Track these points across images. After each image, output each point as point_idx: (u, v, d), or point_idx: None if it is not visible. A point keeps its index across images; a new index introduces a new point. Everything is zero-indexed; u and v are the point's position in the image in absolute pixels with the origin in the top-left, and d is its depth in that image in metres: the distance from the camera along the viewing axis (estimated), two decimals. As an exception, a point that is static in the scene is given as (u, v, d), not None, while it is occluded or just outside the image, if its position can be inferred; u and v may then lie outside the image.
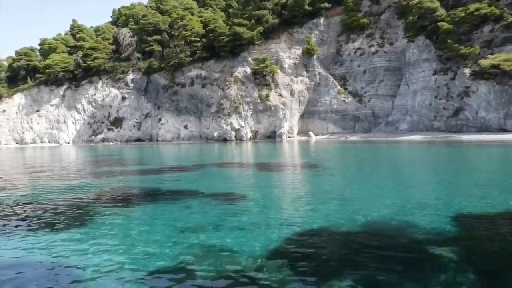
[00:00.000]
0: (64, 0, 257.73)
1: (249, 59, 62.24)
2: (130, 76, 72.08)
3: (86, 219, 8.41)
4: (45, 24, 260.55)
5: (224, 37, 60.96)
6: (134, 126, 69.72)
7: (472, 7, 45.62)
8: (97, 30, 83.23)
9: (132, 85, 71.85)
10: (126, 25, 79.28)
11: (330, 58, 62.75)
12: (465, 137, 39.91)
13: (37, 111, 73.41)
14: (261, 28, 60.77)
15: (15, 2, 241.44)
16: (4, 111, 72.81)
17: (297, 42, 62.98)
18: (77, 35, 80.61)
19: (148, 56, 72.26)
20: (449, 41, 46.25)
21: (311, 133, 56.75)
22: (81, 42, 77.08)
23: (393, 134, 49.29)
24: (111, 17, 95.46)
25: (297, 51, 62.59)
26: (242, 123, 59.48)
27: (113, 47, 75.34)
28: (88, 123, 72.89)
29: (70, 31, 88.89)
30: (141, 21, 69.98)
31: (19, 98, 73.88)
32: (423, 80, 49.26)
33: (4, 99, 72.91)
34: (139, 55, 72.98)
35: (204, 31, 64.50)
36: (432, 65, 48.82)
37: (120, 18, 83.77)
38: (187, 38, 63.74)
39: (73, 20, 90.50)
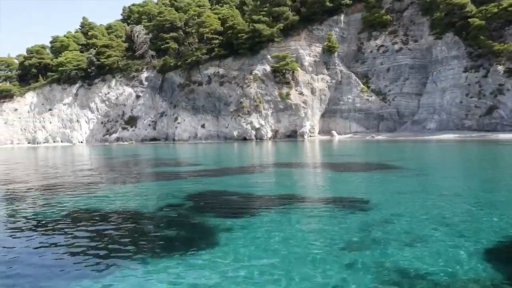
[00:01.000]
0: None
1: (268, 56, 60.88)
2: (144, 74, 70.73)
3: (209, 235, 6.90)
4: (50, 23, 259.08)
5: (243, 34, 59.59)
6: (149, 125, 68.35)
7: (506, 2, 44.31)
8: (108, 27, 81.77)
9: (146, 83, 70.50)
10: (139, 23, 77.91)
11: (351, 56, 61.40)
12: (502, 136, 38.57)
13: (50, 110, 72.05)
14: (281, 25, 59.41)
15: (21, 1, 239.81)
16: (16, 110, 71.45)
17: (317, 39, 61.60)
18: (89, 33, 79.23)
19: (163, 54, 70.91)
20: (481, 37, 44.91)
21: (334, 132, 55.42)
22: (94, 40, 75.72)
23: (420, 133, 47.95)
24: (121, 14, 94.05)
25: (317, 48, 61.24)
26: (263, 122, 58.14)
27: (126, 44, 73.96)
28: (102, 122, 71.53)
29: (80, 29, 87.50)
30: (158, 18, 68.55)
31: (31, 97, 72.52)
32: (453, 78, 47.94)
33: (16, 98, 71.54)
34: (153, 53, 71.62)
35: (222, 28, 63.07)
36: (462, 62, 47.51)
37: (132, 16, 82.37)
38: (205, 35, 62.33)
39: (84, 18, 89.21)
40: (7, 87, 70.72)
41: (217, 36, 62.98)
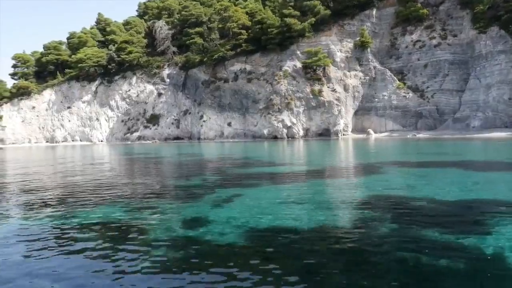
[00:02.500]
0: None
1: (298, 52, 58.83)
2: (166, 71, 68.58)
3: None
4: (61, 21, 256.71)
5: (273, 29, 57.44)
6: (172, 123, 66.21)
7: (560, -6, 42.22)
8: (126, 23, 79.54)
9: (168, 80, 68.36)
10: (158, 18, 75.58)
11: (384, 52, 59.35)
12: None
13: (68, 108, 69.87)
14: (313, 20, 57.29)
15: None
16: (33, 107, 69.24)
17: (348, 34, 59.55)
18: (107, 29, 77.04)
19: (184, 51, 68.80)
20: (533, 30, 42.85)
21: (370, 131, 53.29)
22: (112, 36, 73.59)
23: (464, 131, 45.88)
24: (137, 11, 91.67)
25: (349, 44, 59.17)
26: (294, 120, 56.06)
27: (146, 40, 71.76)
28: (122, 121, 69.37)
29: (96, 25, 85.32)
30: (182, 12, 66.41)
31: (49, 94, 70.29)
32: (499, 74, 45.87)
33: (33, 95, 69.31)
34: (174, 49, 69.49)
35: (250, 22, 60.94)
36: (510, 57, 45.44)
37: (150, 12, 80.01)
38: (231, 30, 60.19)
39: (99, 14, 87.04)
40: (24, 84, 68.50)
41: (244, 31, 60.78)
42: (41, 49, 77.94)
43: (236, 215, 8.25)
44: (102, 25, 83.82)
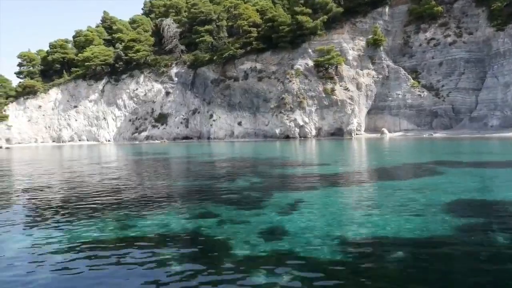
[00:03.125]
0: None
1: (310, 50, 57.91)
2: (174, 70, 67.63)
3: None
4: (65, 19, 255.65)
5: (284, 27, 56.49)
6: (181, 123, 65.26)
7: None
8: (133, 22, 78.51)
9: (176, 79, 67.41)
10: (165, 16, 74.53)
11: (397, 50, 58.44)
12: None
13: (75, 107, 68.91)
14: (325, 17, 56.36)
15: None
16: (39, 107, 68.28)
17: (360, 32, 58.63)
18: (113, 27, 76.03)
19: (192, 49, 67.85)
20: (555, 28, 41.95)
21: (384, 130, 52.38)
22: (119, 34, 72.59)
23: (482, 130, 44.99)
24: (142, 9, 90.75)
25: (361, 42, 58.25)
26: (306, 119, 55.16)
27: (153, 39, 70.75)
28: (130, 120, 68.42)
29: (101, 24, 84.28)
30: (192, 10, 65.41)
31: (55, 93, 69.33)
32: (518, 72, 44.99)
33: (39, 94, 68.33)
34: (182, 47, 68.54)
35: (260, 20, 60.00)
36: (530, 55, 44.56)
37: (157, 10, 78.94)
38: (241, 28, 59.24)
39: (105, 12, 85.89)
40: (30, 83, 67.53)
41: (254, 29, 59.83)
42: (44, 48, 77.17)
43: (313, 223, 7.42)
44: (108, 24, 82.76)
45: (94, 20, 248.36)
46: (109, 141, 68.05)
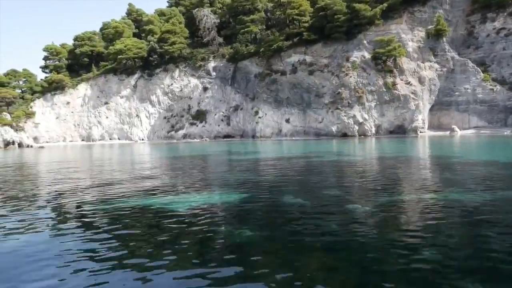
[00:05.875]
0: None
1: (365, 42, 53.58)
2: (211, 64, 63.24)
3: None
4: (83, 14, 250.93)
5: (340, 16, 52.15)
6: (222, 120, 60.79)
7: None
8: (161, 14, 74.13)
9: (214, 73, 63.02)
10: (197, 7, 70.04)
11: (460, 41, 54.11)
12: None
13: (106, 103, 64.41)
14: (384, 5, 52.01)
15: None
16: (68, 103, 63.77)
17: (419, 22, 54.31)
18: (143, 19, 71.60)
19: (230, 41, 63.46)
20: None
21: (455, 128, 47.98)
22: (150, 26, 68.12)
23: None
24: (168, 1, 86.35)
25: (420, 33, 53.91)
26: (366, 116, 50.81)
27: (188, 31, 66.31)
28: (165, 117, 63.93)
29: (127, 17, 79.88)
30: (235, -2, 61.04)
31: (84, 89, 64.82)
32: None
33: (67, 90, 63.83)
34: (220, 39, 64.15)
35: (311, 9, 55.65)
36: None
37: (188, 1, 74.40)
38: (292, 17, 54.86)
39: (130, 5, 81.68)
40: (58, 77, 62.96)
41: (306, 18, 55.47)
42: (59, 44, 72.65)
43: None
44: (134, 16, 78.56)
45: (114, 14, 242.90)
46: (142, 140, 63.57)
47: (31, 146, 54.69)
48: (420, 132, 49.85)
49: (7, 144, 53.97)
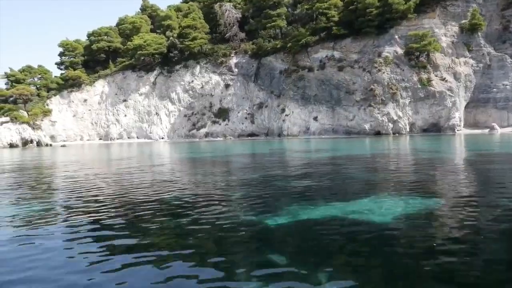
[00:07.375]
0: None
1: (396, 36, 51.76)
2: (233, 60, 61.29)
3: None
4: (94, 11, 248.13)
5: (372, 9, 50.30)
6: (246, 118, 58.85)
7: None
8: (177, 9, 72.03)
9: (236, 70, 61.06)
10: (216, 2, 67.86)
11: (495, 36, 52.34)
12: None
13: (124, 101, 62.39)
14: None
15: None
16: (85, 100, 61.73)
17: (452, 17, 52.55)
18: (160, 14, 69.52)
19: (253, 37, 61.49)
20: None
21: (495, 125, 46.18)
22: (168, 21, 66.03)
23: None
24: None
25: (453, 27, 52.18)
26: (400, 113, 49.00)
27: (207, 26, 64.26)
28: (185, 115, 61.93)
29: (141, 13, 77.80)
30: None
31: (101, 86, 62.78)
32: None
33: (84, 87, 61.80)
34: (243, 35, 62.18)
35: (341, 3, 53.77)
36: None
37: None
38: (323, 11, 52.95)
39: (144, 0, 79.60)
40: (75, 74, 60.88)
41: (335, 13, 53.57)
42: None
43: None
44: (149, 12, 76.47)
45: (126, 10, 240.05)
46: (162, 138, 61.58)
47: (51, 145, 52.60)
48: (457, 130, 48.09)
49: (25, 143, 51.90)
